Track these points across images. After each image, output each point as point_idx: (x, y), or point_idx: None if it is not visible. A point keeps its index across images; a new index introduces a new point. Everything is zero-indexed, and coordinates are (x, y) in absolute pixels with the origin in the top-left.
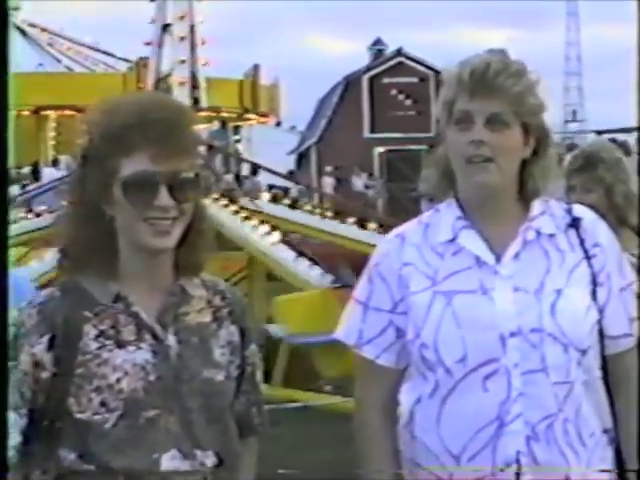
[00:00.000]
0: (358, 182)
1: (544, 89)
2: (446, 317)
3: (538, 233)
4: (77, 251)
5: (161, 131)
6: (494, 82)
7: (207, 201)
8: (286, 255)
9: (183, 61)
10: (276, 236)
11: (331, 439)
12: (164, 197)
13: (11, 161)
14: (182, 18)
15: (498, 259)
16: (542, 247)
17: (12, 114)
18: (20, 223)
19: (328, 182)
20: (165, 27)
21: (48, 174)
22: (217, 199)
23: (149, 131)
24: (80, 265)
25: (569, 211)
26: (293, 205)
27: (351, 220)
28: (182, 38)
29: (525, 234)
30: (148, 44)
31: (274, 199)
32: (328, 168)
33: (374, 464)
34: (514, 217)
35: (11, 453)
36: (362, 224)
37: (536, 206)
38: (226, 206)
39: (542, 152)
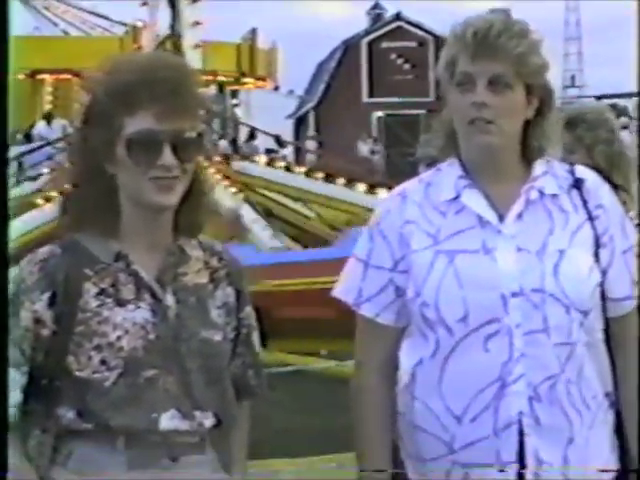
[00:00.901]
0: (364, 147)
1: (547, 49)
2: (448, 276)
3: (541, 193)
4: (79, 209)
5: (166, 90)
6: (496, 43)
7: None
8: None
9: (197, 23)
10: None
11: (325, 404)
12: (167, 156)
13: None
14: None
15: (501, 219)
16: (545, 207)
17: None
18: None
19: (310, 145)
20: None
21: (41, 130)
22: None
23: (154, 89)
24: (81, 222)
25: (572, 172)
26: (288, 168)
27: (361, 186)
28: (194, 0)
29: (528, 194)
30: (145, 4)
31: (270, 163)
32: (310, 132)
33: (370, 428)
34: (517, 177)
35: (11, 411)
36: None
37: (538, 166)
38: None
39: (545, 112)
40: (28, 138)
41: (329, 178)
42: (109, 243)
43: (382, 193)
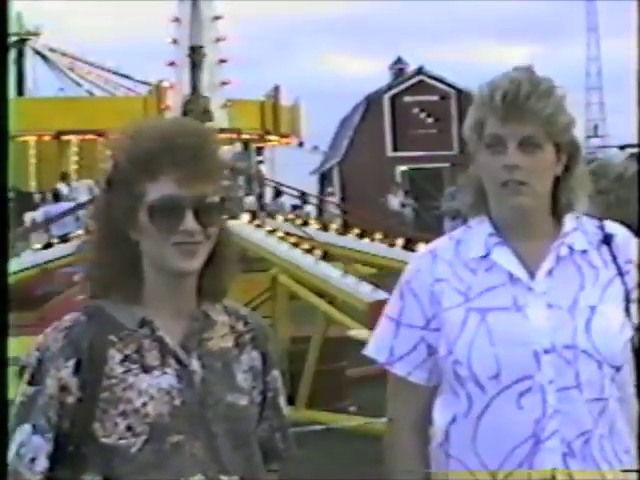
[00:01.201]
0: (394, 201)
1: (571, 103)
2: (480, 333)
3: (571, 249)
4: (102, 276)
5: (187, 155)
6: (525, 105)
7: (240, 222)
8: (331, 272)
9: (224, 83)
10: (318, 253)
11: (356, 460)
12: (190, 221)
13: (33, 186)
14: (217, 41)
15: (532, 276)
16: (575, 263)
17: (33, 139)
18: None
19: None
20: (193, 49)
21: (62, 191)
22: (252, 220)
23: (175, 155)
24: (106, 289)
25: (601, 227)
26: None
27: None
28: (221, 61)
29: (558, 250)
30: (172, 64)
31: (324, 227)
32: (329, 189)
33: None
34: (547, 233)
35: (37, 478)
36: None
37: (568, 222)
38: (259, 226)
39: (573, 167)
40: (57, 197)
41: (364, 234)
42: (133, 309)
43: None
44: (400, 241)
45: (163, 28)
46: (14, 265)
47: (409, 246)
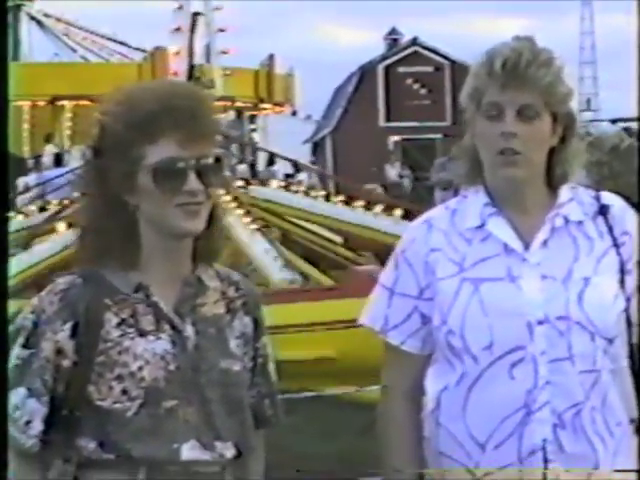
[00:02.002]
0: (391, 171)
1: (568, 75)
2: (473, 304)
3: (566, 220)
4: (99, 243)
5: (187, 116)
6: (526, 73)
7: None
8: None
9: (225, 52)
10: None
11: (345, 428)
12: (193, 181)
13: (27, 151)
14: (218, 9)
15: (526, 246)
16: (570, 234)
17: (27, 104)
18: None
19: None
20: (196, 15)
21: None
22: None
23: (175, 117)
24: (102, 257)
25: (597, 198)
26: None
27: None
28: (221, 30)
29: (553, 221)
30: (178, 29)
31: (286, 188)
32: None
33: (397, 452)
34: (542, 204)
35: (33, 441)
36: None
37: (564, 193)
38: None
39: (569, 138)
40: (58, 162)
41: (354, 203)
42: (129, 274)
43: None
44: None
45: None
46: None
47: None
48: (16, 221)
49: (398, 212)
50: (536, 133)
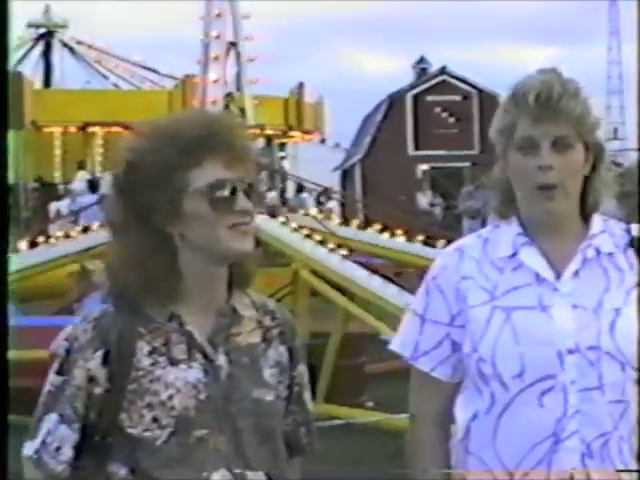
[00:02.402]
0: (423, 200)
1: (595, 104)
2: (505, 332)
3: (598, 251)
4: (142, 282)
5: (230, 139)
6: (558, 105)
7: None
8: (357, 272)
9: (254, 81)
10: (343, 252)
11: (373, 456)
12: (243, 200)
13: (58, 177)
14: (249, 39)
15: (558, 276)
16: (601, 265)
17: (59, 130)
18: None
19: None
20: (231, 45)
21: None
22: (273, 215)
23: (220, 139)
24: (143, 295)
25: (628, 231)
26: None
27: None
28: (251, 59)
29: (585, 252)
30: (216, 58)
31: (345, 221)
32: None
33: (425, 477)
34: (574, 234)
35: (62, 467)
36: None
37: (596, 224)
38: (284, 223)
39: (599, 167)
40: (93, 188)
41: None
42: (166, 304)
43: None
44: (420, 237)
45: (189, 24)
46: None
47: (430, 242)
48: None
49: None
50: (571, 164)
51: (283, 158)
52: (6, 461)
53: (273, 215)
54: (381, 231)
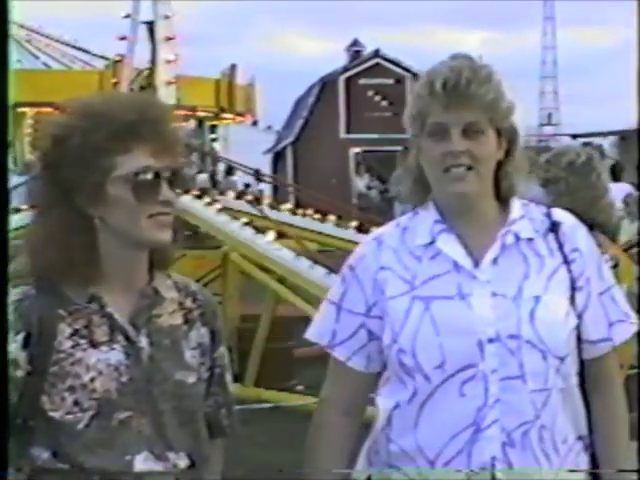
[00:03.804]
0: (360, 183)
1: (508, 87)
2: (424, 322)
3: (517, 237)
4: (60, 261)
5: (160, 127)
6: (467, 92)
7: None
8: (284, 253)
9: (169, 61)
10: (271, 235)
11: (302, 439)
12: (167, 191)
13: None
14: (167, 17)
15: (476, 264)
16: (521, 252)
17: None
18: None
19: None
20: (145, 24)
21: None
22: (200, 196)
23: (150, 127)
24: (63, 272)
25: (548, 215)
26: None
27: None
28: (168, 38)
29: (504, 239)
30: (123, 39)
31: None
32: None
33: (320, 459)
34: (493, 219)
35: None
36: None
37: (515, 209)
38: (210, 204)
39: (513, 151)
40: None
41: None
42: (86, 286)
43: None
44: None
45: (123, 5)
46: None
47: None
48: None
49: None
50: (483, 149)
51: (214, 140)
52: (6, 460)
53: (200, 196)
54: (316, 215)
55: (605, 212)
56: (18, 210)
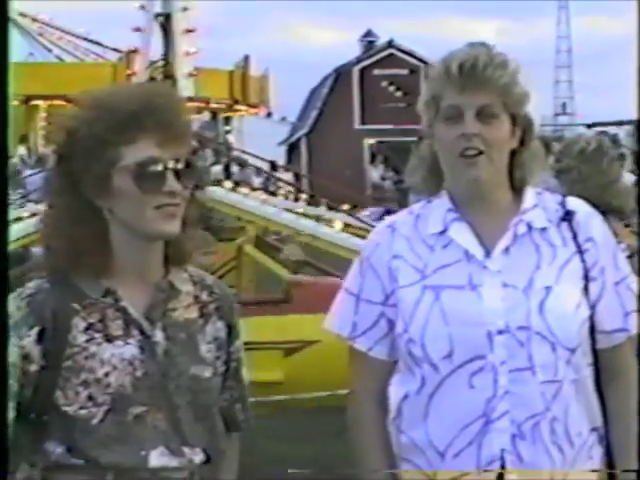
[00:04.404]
0: (374, 173)
1: (526, 78)
2: (434, 313)
3: (529, 227)
4: (70, 250)
5: (165, 117)
6: (483, 75)
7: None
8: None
9: (189, 53)
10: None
11: (316, 432)
12: (172, 182)
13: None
14: (185, 10)
15: (488, 253)
16: (533, 241)
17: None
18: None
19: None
20: (158, 16)
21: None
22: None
23: (155, 117)
24: (74, 264)
25: (563, 204)
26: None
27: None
28: (187, 30)
29: (516, 228)
30: (137, 30)
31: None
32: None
33: (368, 456)
34: (506, 208)
35: None
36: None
37: (529, 198)
38: (233, 189)
39: (528, 141)
40: (41, 162)
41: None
42: (99, 279)
43: None
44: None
45: None
46: None
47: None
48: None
49: None
50: (496, 133)
51: (228, 132)
52: (7, 460)
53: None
54: (328, 208)
55: (620, 197)
56: (19, 219)
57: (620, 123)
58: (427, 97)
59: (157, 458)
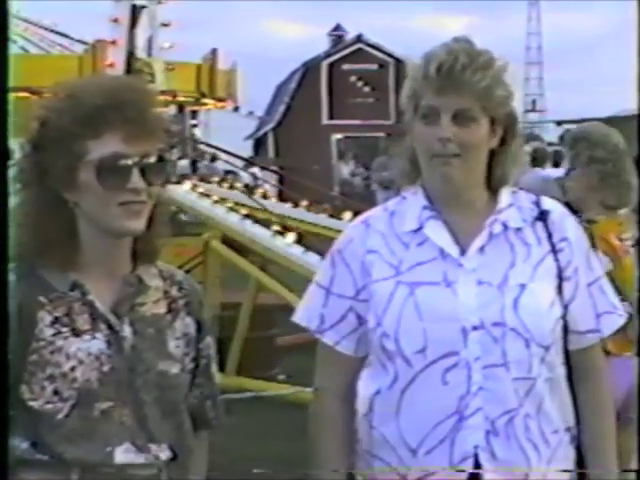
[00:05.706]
0: (344, 169)
1: (511, 75)
2: (408, 308)
3: (505, 226)
4: (37, 241)
5: (133, 113)
6: (461, 78)
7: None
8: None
9: (171, 46)
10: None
11: (284, 429)
12: (137, 179)
13: None
14: (159, 3)
15: (463, 252)
16: (508, 241)
17: None
18: None
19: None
20: (136, 8)
21: None
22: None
23: (121, 112)
24: (40, 255)
25: (537, 203)
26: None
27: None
28: (165, 24)
29: (492, 227)
30: (115, 21)
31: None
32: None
33: (325, 452)
34: (482, 207)
35: None
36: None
37: (504, 198)
38: (192, 189)
39: (509, 140)
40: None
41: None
42: (66, 272)
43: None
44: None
45: None
46: None
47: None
48: None
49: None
50: (472, 137)
51: (195, 126)
52: (7, 460)
53: (177, 183)
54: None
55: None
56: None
57: (589, 120)
58: (408, 92)
59: (123, 454)
